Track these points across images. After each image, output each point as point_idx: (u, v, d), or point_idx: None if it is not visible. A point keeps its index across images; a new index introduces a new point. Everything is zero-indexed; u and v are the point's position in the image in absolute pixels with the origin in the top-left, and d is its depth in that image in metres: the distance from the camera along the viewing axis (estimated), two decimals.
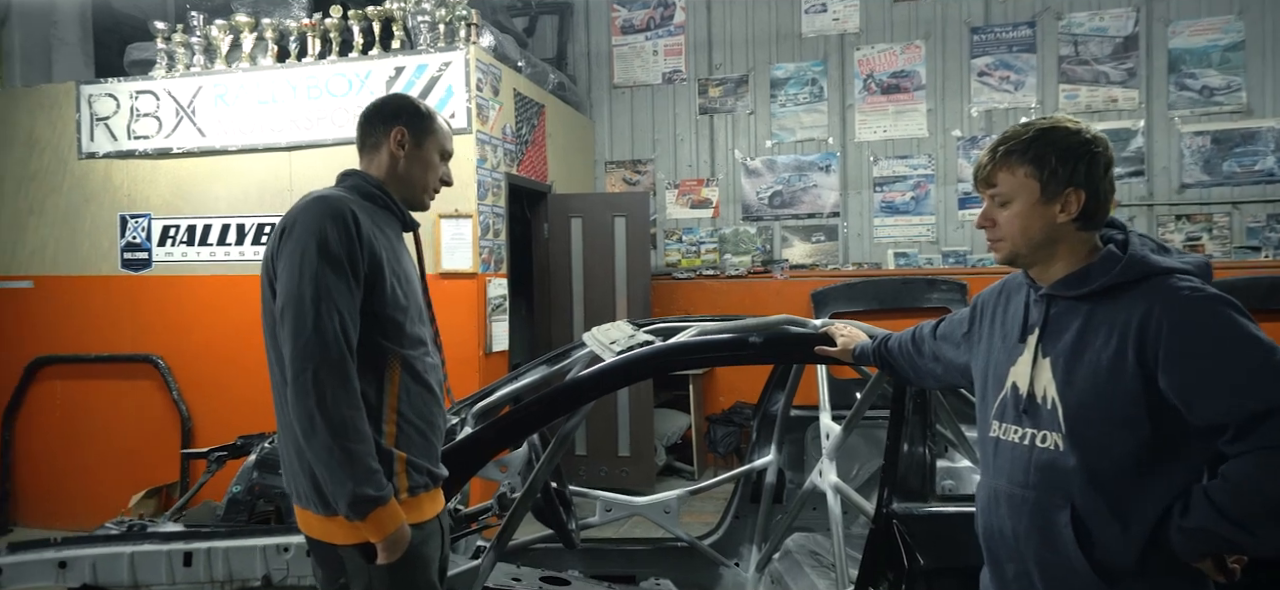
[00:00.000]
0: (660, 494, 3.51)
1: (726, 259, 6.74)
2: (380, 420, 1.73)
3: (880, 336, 2.17)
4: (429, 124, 1.94)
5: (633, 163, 6.97)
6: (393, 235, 1.88)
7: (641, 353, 2.15)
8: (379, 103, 1.97)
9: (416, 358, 1.81)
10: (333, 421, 1.59)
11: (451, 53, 4.75)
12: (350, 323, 1.65)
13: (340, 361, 1.61)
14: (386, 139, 1.89)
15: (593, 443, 5.86)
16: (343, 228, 1.68)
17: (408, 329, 1.79)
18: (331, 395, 1.60)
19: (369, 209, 1.81)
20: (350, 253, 1.68)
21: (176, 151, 5.12)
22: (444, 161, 2.00)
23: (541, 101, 5.77)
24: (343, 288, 1.65)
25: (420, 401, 1.82)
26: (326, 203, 1.71)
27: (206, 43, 5.20)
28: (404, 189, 1.93)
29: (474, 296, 4.73)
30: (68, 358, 5.31)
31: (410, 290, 1.84)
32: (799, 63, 6.69)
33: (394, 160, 1.90)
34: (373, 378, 1.73)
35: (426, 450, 1.83)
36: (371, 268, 1.72)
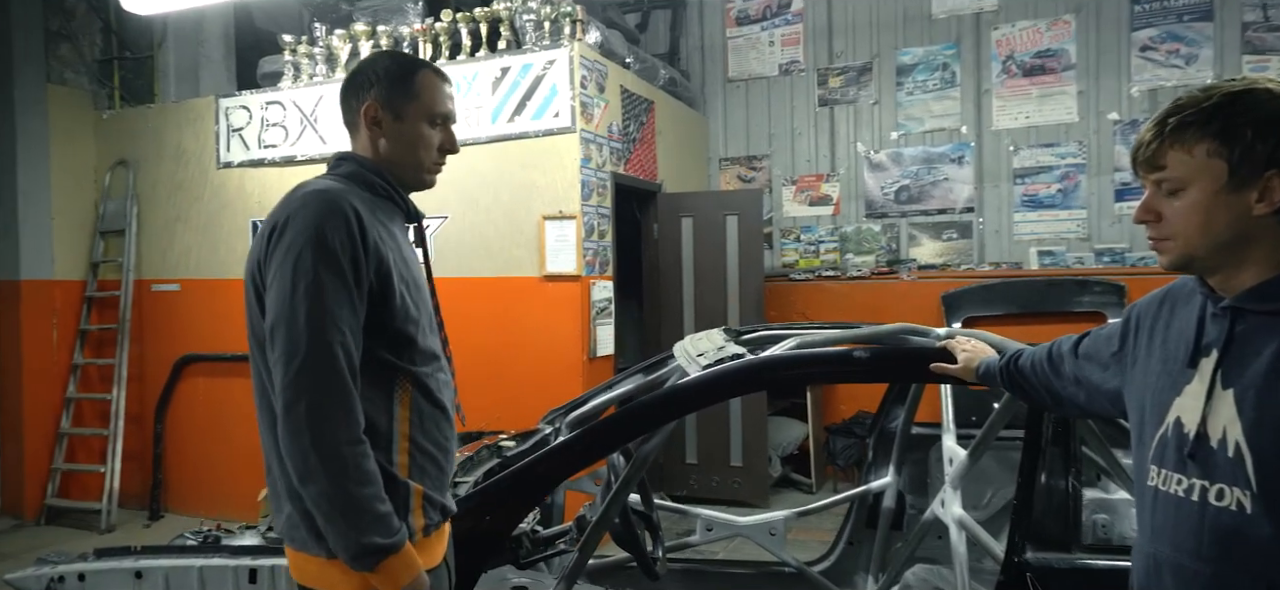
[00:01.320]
0: (765, 514, 3.25)
1: (848, 259, 6.34)
2: (391, 449, 1.49)
3: (1010, 352, 1.83)
4: (407, 87, 1.60)
5: (747, 159, 6.69)
6: (397, 231, 1.60)
7: (728, 369, 1.92)
8: (350, 72, 1.66)
9: (429, 375, 1.56)
10: (333, 463, 1.35)
11: (556, 51, 4.66)
12: (354, 342, 1.41)
13: (341, 392, 1.37)
14: (359, 117, 1.60)
15: (703, 451, 5.64)
16: (344, 227, 1.41)
17: (420, 343, 1.54)
18: (331, 432, 1.36)
19: (369, 201, 1.53)
20: (353, 258, 1.42)
21: (300, 158, 5.32)
22: (440, 126, 1.65)
23: (650, 98, 5.61)
24: (344, 301, 1.40)
25: (434, 425, 1.58)
26: (324, 197, 1.44)
27: (328, 52, 5.37)
28: (396, 172, 1.62)
29: (578, 300, 4.62)
30: (209, 356, 5.63)
31: (420, 297, 1.58)
32: (928, 46, 6.19)
33: (374, 141, 1.60)
34: (381, 401, 1.49)
35: (440, 481, 1.60)
36: (379, 274, 1.46)
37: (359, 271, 1.42)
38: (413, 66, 1.64)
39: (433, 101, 1.62)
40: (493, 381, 4.78)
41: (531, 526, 2.26)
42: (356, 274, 1.42)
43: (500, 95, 4.77)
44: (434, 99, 1.63)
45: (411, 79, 1.61)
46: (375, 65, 1.63)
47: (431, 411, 1.56)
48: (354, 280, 1.41)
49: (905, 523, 3.24)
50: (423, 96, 1.61)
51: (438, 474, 1.58)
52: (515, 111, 4.74)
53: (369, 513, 1.37)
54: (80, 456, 5.73)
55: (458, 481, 2.43)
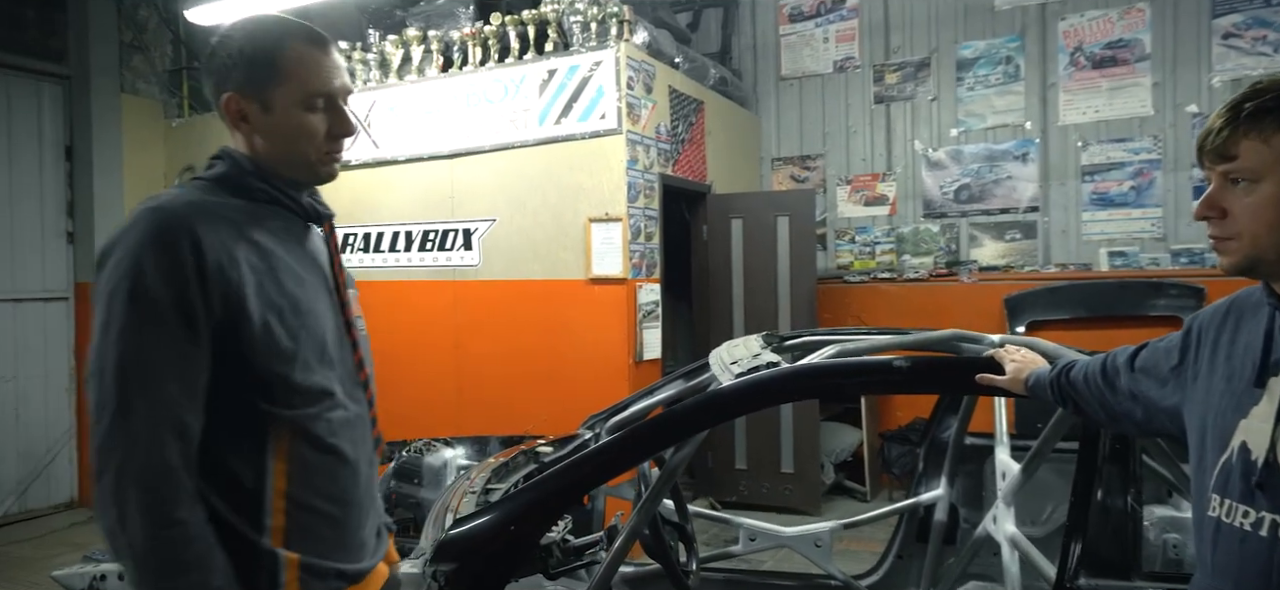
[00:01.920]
0: (810, 525, 3.15)
1: (905, 260, 6.14)
2: (260, 512, 1.24)
3: (1062, 362, 1.71)
4: (271, 68, 1.30)
5: (801, 159, 6.55)
6: (281, 243, 1.32)
7: (760, 378, 1.85)
8: (207, 59, 1.36)
9: (315, 418, 1.29)
10: (139, 549, 1.12)
11: (602, 52, 4.63)
12: (183, 400, 1.16)
13: (154, 466, 1.13)
14: (224, 112, 1.33)
15: (753, 456, 5.54)
16: (169, 258, 1.16)
17: (298, 380, 1.26)
18: (139, 512, 1.12)
19: (239, 209, 1.29)
20: (182, 295, 1.16)
21: (355, 163, 5.41)
22: (327, 107, 1.35)
23: (700, 98, 5.54)
24: (168, 350, 1.15)
25: (325, 477, 1.31)
26: (154, 218, 1.19)
27: (381, 58, 5.46)
28: (282, 169, 1.35)
29: (624, 303, 4.58)
30: None
31: (305, 323, 1.29)
32: (990, 40, 5.95)
33: (247, 139, 1.33)
34: (249, 454, 1.24)
35: (336, 543, 1.33)
36: (226, 306, 1.20)
37: (189, 311, 1.17)
38: (275, 39, 1.32)
39: (307, 80, 1.32)
40: (539, 385, 4.78)
41: (562, 536, 2.22)
42: (188, 314, 1.17)
43: (547, 97, 4.77)
44: (308, 77, 1.32)
45: (275, 57, 1.31)
46: (229, 44, 1.32)
47: (320, 461, 1.30)
48: (184, 322, 1.16)
49: (959, 537, 3.10)
50: (293, 77, 1.31)
51: (332, 534, 1.32)
52: (562, 113, 4.73)
53: None
54: None
55: (490, 488, 2.42)
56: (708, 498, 5.58)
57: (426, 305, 5.17)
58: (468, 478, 2.59)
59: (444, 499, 2.34)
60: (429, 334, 5.16)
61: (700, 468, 5.75)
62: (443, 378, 5.11)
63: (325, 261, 1.42)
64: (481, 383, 4.98)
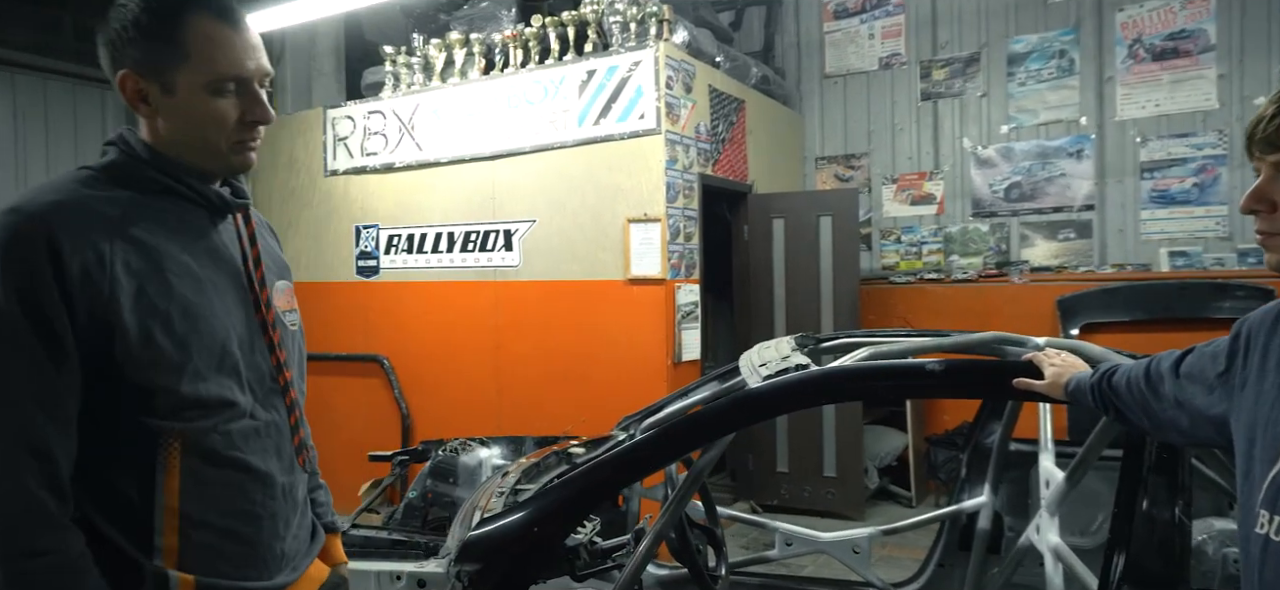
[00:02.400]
0: (848, 531, 3.09)
1: (953, 261, 5.99)
2: (150, 530, 1.15)
3: (1103, 366, 1.63)
4: (172, 45, 1.16)
5: (845, 158, 6.44)
6: (175, 239, 1.20)
7: (787, 381, 1.81)
8: (104, 30, 1.20)
9: (209, 431, 1.19)
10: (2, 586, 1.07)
11: (641, 52, 4.62)
12: (44, 418, 1.08)
13: (11, 492, 1.06)
14: (121, 93, 1.20)
15: (795, 460, 5.46)
16: (22, 267, 1.06)
17: (186, 392, 1.16)
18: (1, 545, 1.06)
19: (123, 202, 1.17)
20: (37, 306, 1.06)
21: (399, 165, 5.50)
22: (238, 91, 1.21)
23: (741, 97, 5.48)
24: (23, 367, 1.07)
25: (227, 492, 1.22)
26: (8, 221, 1.09)
27: (425, 61, 5.53)
28: (187, 156, 1.23)
29: (662, 303, 4.56)
30: (317, 356, 5.88)
31: (198, 327, 1.18)
32: (1043, 33, 5.77)
33: (149, 123, 1.21)
34: (136, 470, 1.15)
35: (243, 560, 1.24)
36: (95, 317, 1.09)
37: (46, 324, 1.07)
38: (175, 11, 1.17)
39: (215, 61, 1.18)
40: (577, 385, 4.78)
41: (590, 538, 2.21)
42: (45, 329, 1.07)
43: (586, 98, 4.77)
44: (216, 56, 1.18)
45: (177, 32, 1.16)
46: (123, 13, 1.18)
47: (217, 474, 1.20)
48: (38, 337, 1.07)
49: (1003, 547, 3.00)
50: (199, 56, 1.17)
51: (236, 551, 1.23)
52: (601, 114, 4.73)
53: None
54: None
55: (519, 488, 2.42)
56: (749, 501, 5.52)
57: (468, 306, 5.22)
58: (499, 478, 2.60)
59: (473, 499, 2.35)
60: (470, 334, 5.21)
61: (741, 470, 5.69)
62: (483, 378, 5.16)
63: (236, 255, 1.29)
64: (521, 383, 5.01)
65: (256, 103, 1.24)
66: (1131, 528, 1.62)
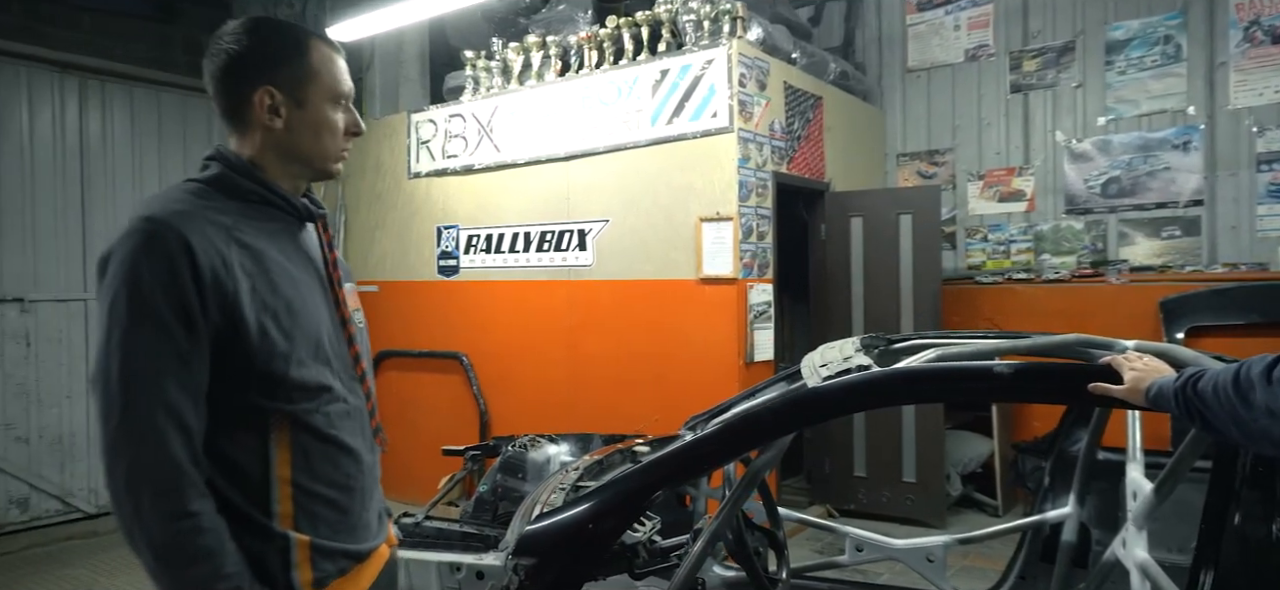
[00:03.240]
0: (923, 538, 2.99)
1: (1044, 260, 5.71)
2: (268, 498, 1.30)
3: (1188, 372, 1.52)
4: (306, 66, 1.37)
5: (928, 154, 6.23)
6: (274, 243, 1.36)
7: (846, 383, 1.76)
8: (227, 52, 1.37)
9: (313, 412, 1.34)
10: (155, 541, 1.19)
11: (714, 50, 4.59)
12: (183, 399, 1.21)
13: (161, 462, 1.19)
14: (252, 107, 1.36)
15: (872, 464, 5.32)
16: (163, 265, 1.20)
17: (294, 376, 1.31)
18: (151, 506, 1.18)
19: (231, 211, 1.32)
20: (179, 300, 1.21)
21: (478, 167, 5.64)
22: (343, 107, 1.43)
23: (817, 93, 5.38)
24: (166, 353, 1.20)
25: (329, 464, 1.37)
26: (145, 227, 1.22)
27: (504, 65, 5.66)
28: (293, 167, 1.41)
29: (734, 303, 4.52)
30: (401, 352, 6.13)
31: (298, 321, 1.34)
32: (1145, 18, 5.44)
33: (270, 133, 1.37)
34: (254, 445, 1.30)
35: (341, 525, 1.39)
36: (223, 312, 1.24)
37: (188, 315, 1.21)
38: (304, 39, 1.40)
39: (335, 80, 1.41)
40: (649, 385, 4.79)
41: (649, 536, 2.21)
42: (185, 318, 1.21)
43: (660, 97, 4.78)
44: (336, 76, 1.42)
45: (306, 56, 1.38)
46: (263, 43, 1.37)
47: (321, 449, 1.36)
48: (182, 326, 1.21)
49: (1090, 561, 2.84)
50: (323, 75, 1.40)
51: (335, 517, 1.38)
52: (674, 113, 4.73)
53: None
54: None
55: (581, 485, 2.44)
56: (825, 505, 5.41)
57: (543, 304, 5.30)
58: (563, 474, 2.63)
59: (535, 494, 2.38)
60: (545, 333, 5.30)
61: (817, 473, 5.59)
62: (558, 376, 5.23)
63: (319, 259, 1.45)
64: (595, 382, 5.06)
65: (355, 116, 1.47)
66: (1220, 543, 1.50)
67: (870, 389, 1.75)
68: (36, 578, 4.75)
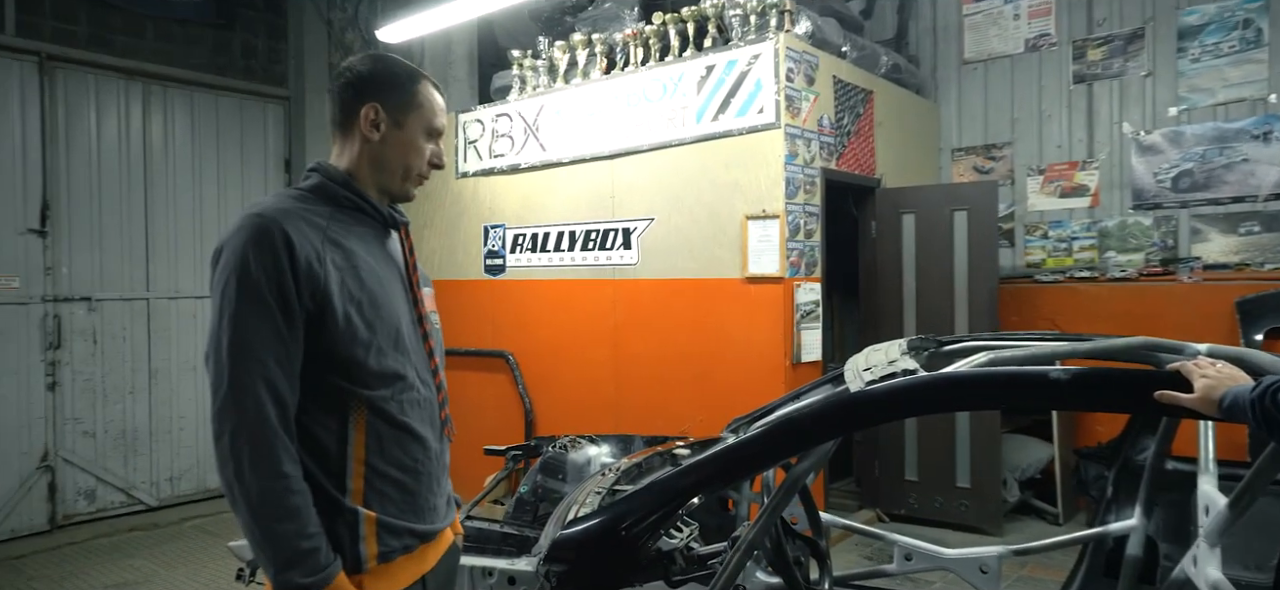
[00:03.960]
0: (977, 548, 2.86)
1: (1108, 257, 5.46)
2: (343, 475, 1.45)
3: (1268, 380, 1.40)
4: (410, 96, 1.57)
5: (985, 148, 6.02)
6: (363, 244, 1.52)
7: (888, 388, 1.67)
8: (351, 73, 1.58)
9: (388, 398, 1.49)
10: (252, 497, 1.34)
11: (760, 44, 4.50)
12: (281, 374, 1.37)
13: (261, 427, 1.34)
14: (358, 119, 1.54)
15: (924, 468, 5.16)
16: (268, 255, 1.37)
17: (372, 365, 1.46)
18: (251, 465, 1.34)
19: (326, 215, 1.49)
20: (279, 287, 1.37)
21: (524, 166, 5.65)
22: (433, 140, 1.62)
23: (868, 87, 5.24)
24: (268, 332, 1.36)
25: (399, 448, 1.51)
26: (255, 223, 1.40)
27: (550, 64, 5.65)
28: (381, 178, 1.57)
29: (780, 302, 4.42)
30: (448, 351, 6.15)
31: (381, 314, 1.49)
32: (1222, 2, 5.15)
33: (367, 144, 1.55)
34: (333, 424, 1.45)
35: (408, 506, 1.52)
36: (315, 299, 1.40)
37: (287, 300, 1.37)
38: (415, 77, 1.59)
39: (432, 115, 1.60)
40: (693, 385, 4.73)
41: (686, 543, 2.15)
42: (284, 302, 1.37)
43: (705, 94, 4.71)
44: (433, 113, 1.60)
45: (413, 89, 1.58)
46: (377, 69, 1.58)
47: (393, 434, 1.50)
48: (281, 309, 1.37)
49: (1158, 577, 2.68)
50: (424, 108, 1.58)
51: (402, 498, 1.51)
52: (719, 109, 4.65)
53: (290, 549, 1.34)
54: None
55: (617, 488, 2.40)
56: (874, 509, 5.27)
57: (587, 304, 5.28)
58: (600, 477, 2.59)
59: (570, 497, 2.34)
60: (589, 332, 5.27)
61: (866, 477, 5.45)
62: (602, 376, 5.20)
63: (401, 262, 1.61)
64: (639, 382, 5.01)
65: (441, 151, 1.65)
66: None
67: (915, 395, 1.66)
68: (101, 567, 4.92)
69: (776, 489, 1.94)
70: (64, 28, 5.60)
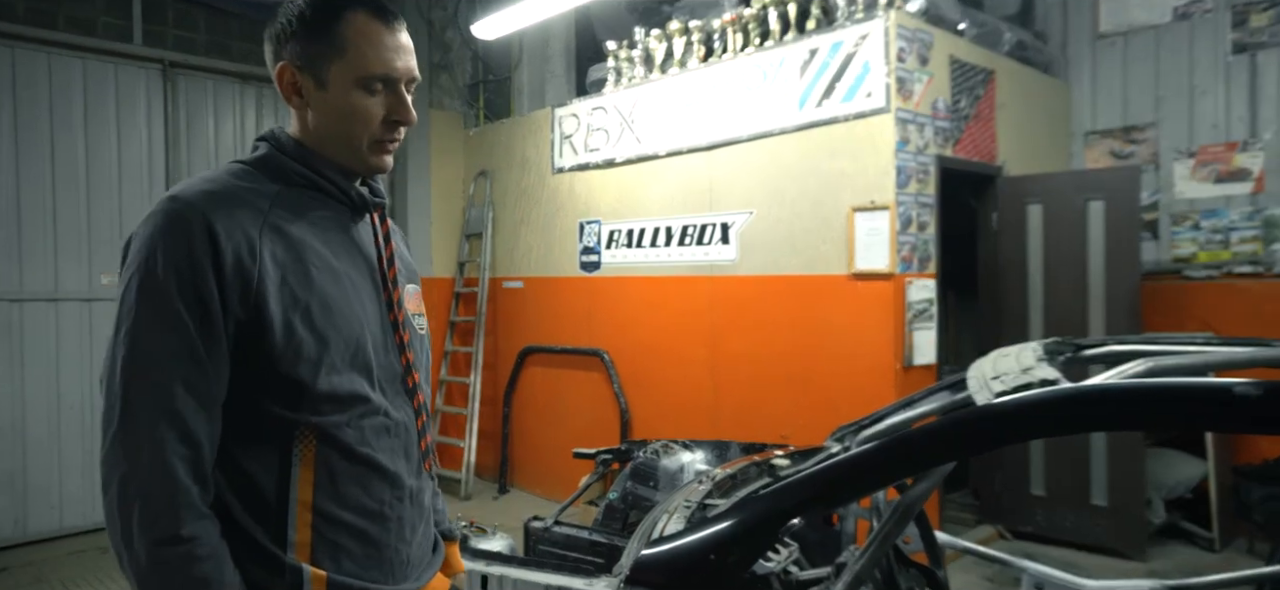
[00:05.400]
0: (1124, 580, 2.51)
1: (1275, 250, 4.82)
2: (283, 523, 1.13)
3: None
4: (329, 39, 1.17)
5: (1124, 130, 5.44)
6: (317, 232, 1.20)
7: (1021, 402, 1.40)
8: (274, 22, 1.23)
9: (345, 425, 1.17)
10: (140, 567, 1.04)
11: (869, 23, 4.18)
12: (191, 405, 1.06)
13: (158, 476, 1.04)
14: (278, 86, 1.22)
15: (1053, 482, 4.69)
16: (181, 251, 1.06)
17: (320, 386, 1.14)
18: (140, 526, 1.03)
19: (272, 194, 1.18)
20: (196, 290, 1.06)
21: (619, 160, 5.51)
22: (385, 89, 1.21)
23: (989, 67, 4.81)
24: (177, 350, 1.06)
25: (357, 487, 1.18)
26: (166, 209, 1.10)
27: (646, 54, 5.49)
28: (330, 151, 1.23)
29: (890, 300, 4.10)
30: (545, 348, 6.14)
31: (335, 322, 1.16)
32: None
33: (300, 115, 1.23)
34: (272, 461, 1.13)
35: (372, 560, 1.20)
36: (244, 303, 1.09)
37: (205, 308, 1.07)
38: (336, 5, 1.19)
39: (366, 59, 1.18)
40: (795, 387, 4.47)
41: (783, 567, 1.93)
42: (202, 311, 1.07)
43: (808, 79, 4.43)
44: (368, 55, 1.18)
45: (334, 26, 1.17)
46: (289, 8, 1.21)
47: (351, 470, 1.18)
48: (197, 320, 1.07)
49: None
50: (351, 51, 1.18)
51: (363, 550, 1.20)
52: (824, 95, 4.36)
53: None
54: (450, 431, 6.62)
55: (708, 503, 2.20)
56: (995, 525, 4.84)
57: (684, 301, 5.09)
58: (690, 488, 2.40)
59: (657, 509, 2.16)
60: (686, 331, 5.08)
61: (985, 489, 5.02)
62: (699, 375, 5.00)
63: (373, 254, 1.28)
64: (738, 383, 4.79)
65: (401, 103, 1.23)
66: None
67: (1060, 411, 1.38)
68: None
69: (887, 513, 1.70)
70: (185, 36, 5.87)
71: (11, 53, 5.09)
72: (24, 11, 5.15)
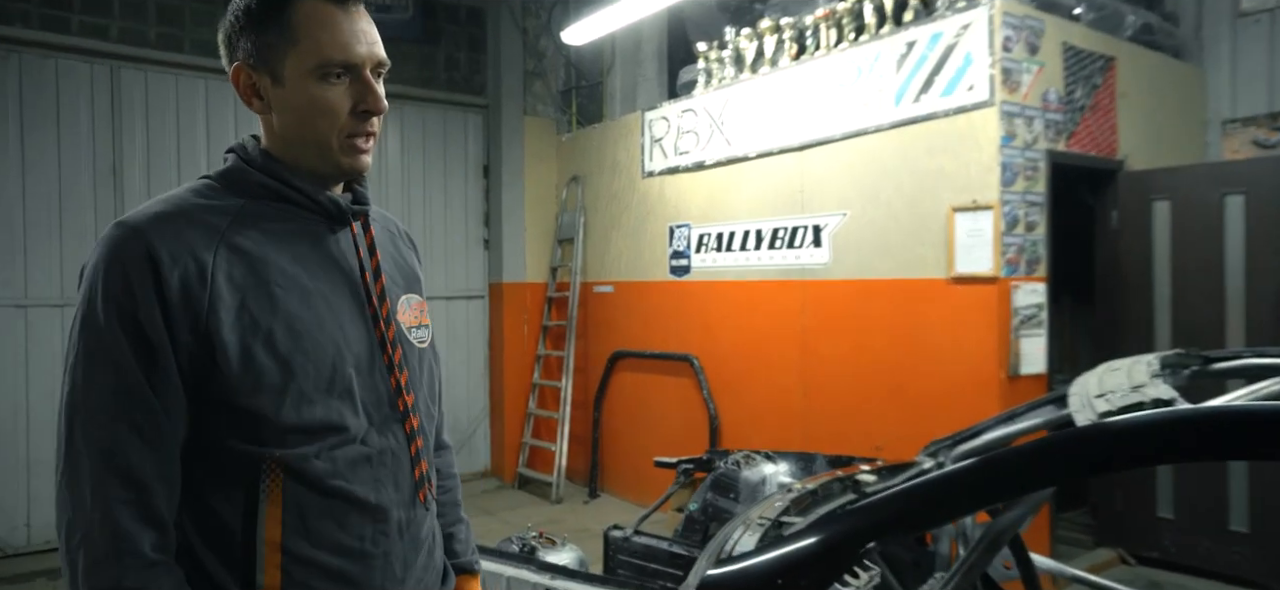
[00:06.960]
0: None
1: None
2: (251, 566, 1.05)
3: None
4: (280, 30, 1.07)
5: (1270, 118, 4.92)
6: (283, 247, 1.10)
7: (1129, 424, 1.24)
8: (225, 22, 1.13)
9: (311, 458, 1.07)
10: None
11: (971, 12, 3.94)
12: (137, 447, 1.00)
13: (101, 524, 0.97)
14: (237, 91, 1.13)
15: (1183, 504, 4.29)
16: (118, 284, 1.00)
17: (287, 418, 1.05)
18: (85, 575, 0.98)
19: (234, 210, 1.09)
20: (137, 324, 0.99)
21: (709, 163, 5.42)
22: (345, 78, 1.10)
23: (1108, 53, 4.45)
24: (120, 390, 0.99)
25: (332, 524, 1.09)
26: (110, 238, 1.03)
27: (736, 54, 5.38)
28: (297, 155, 1.13)
29: (993, 306, 3.84)
30: (635, 353, 6.11)
31: (303, 345, 1.07)
32: None
33: (266, 122, 1.13)
34: (237, 499, 1.05)
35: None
36: (195, 332, 1.01)
37: (147, 342, 1.00)
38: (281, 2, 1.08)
39: (321, 45, 1.07)
40: (889, 397, 4.26)
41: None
42: (143, 346, 1.00)
43: (904, 74, 4.22)
44: (323, 41, 1.07)
45: (283, 14, 1.07)
46: (236, 4, 1.11)
47: (323, 505, 1.08)
48: (140, 356, 0.99)
49: None
50: (304, 39, 1.07)
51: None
52: (921, 90, 4.14)
53: None
54: (542, 434, 6.70)
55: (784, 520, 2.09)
56: (1116, 549, 4.47)
57: (774, 306, 4.95)
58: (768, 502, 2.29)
59: (731, 524, 2.07)
60: (776, 336, 4.94)
61: (1104, 508, 4.64)
62: (790, 382, 4.85)
63: (355, 267, 1.17)
64: (829, 391, 4.61)
65: (368, 90, 1.12)
66: None
67: (1176, 437, 1.21)
68: None
69: (976, 539, 1.55)
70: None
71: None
72: None
